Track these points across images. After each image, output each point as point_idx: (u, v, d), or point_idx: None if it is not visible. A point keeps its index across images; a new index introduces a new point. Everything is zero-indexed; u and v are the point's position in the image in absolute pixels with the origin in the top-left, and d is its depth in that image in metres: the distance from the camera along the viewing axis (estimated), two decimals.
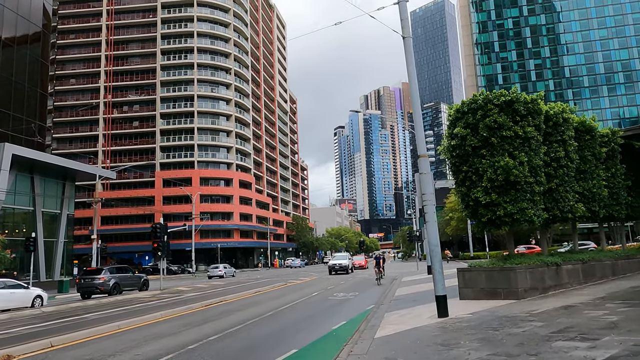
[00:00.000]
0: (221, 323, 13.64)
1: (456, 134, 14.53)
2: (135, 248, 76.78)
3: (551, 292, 14.13)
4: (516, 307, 11.88)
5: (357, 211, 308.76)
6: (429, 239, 11.78)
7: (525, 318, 10.09)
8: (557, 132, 15.55)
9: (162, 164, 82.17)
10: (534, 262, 13.91)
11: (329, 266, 39.55)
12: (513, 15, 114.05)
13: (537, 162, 14.26)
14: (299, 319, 14.10)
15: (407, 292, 19.37)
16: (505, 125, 13.92)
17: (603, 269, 16.55)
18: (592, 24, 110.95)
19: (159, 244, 28.64)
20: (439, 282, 11.47)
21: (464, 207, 14.97)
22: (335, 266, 38.74)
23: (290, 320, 13.78)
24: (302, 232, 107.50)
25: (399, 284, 24.50)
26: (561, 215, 15.22)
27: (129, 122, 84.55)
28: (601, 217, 17.46)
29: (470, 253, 59.01)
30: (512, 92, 14.38)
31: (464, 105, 14.71)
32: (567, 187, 15.41)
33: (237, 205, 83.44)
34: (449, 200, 66.76)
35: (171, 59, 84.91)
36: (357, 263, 48.28)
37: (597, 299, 12.04)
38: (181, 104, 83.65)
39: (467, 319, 10.65)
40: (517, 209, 13.61)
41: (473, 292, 14.08)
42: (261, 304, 18.45)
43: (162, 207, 77.83)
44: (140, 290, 29.38)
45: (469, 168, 14.32)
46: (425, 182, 11.83)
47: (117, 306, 20.68)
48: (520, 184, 13.69)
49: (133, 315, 15.95)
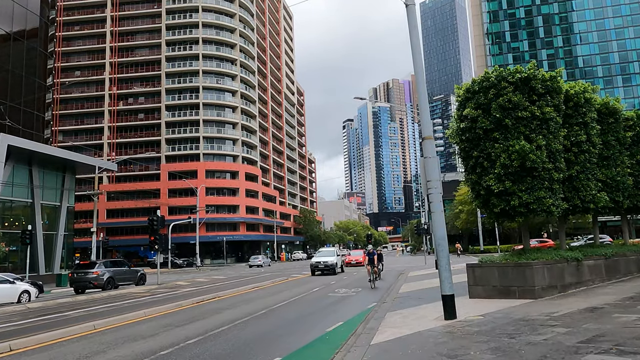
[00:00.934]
0: (206, 323, 12.47)
1: (466, 115, 13.14)
2: (140, 241, 76.00)
3: (571, 291, 12.76)
4: (533, 308, 10.54)
5: (366, 205, 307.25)
6: (435, 231, 10.47)
7: (546, 322, 8.76)
8: (578, 114, 14.08)
9: (167, 156, 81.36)
10: (552, 258, 12.54)
11: (311, 265, 31.79)
12: (525, 4, 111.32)
13: (557, 146, 12.83)
14: (292, 318, 12.88)
15: (412, 289, 18.08)
16: (521, 105, 12.51)
17: (627, 264, 15.13)
18: (606, 12, 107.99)
19: (156, 237, 27.57)
20: (445, 280, 10.16)
21: (474, 197, 13.61)
22: (318, 265, 31.11)
23: (282, 321, 12.57)
24: (309, 226, 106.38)
25: (405, 279, 23.23)
26: (582, 205, 13.80)
27: (134, 114, 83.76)
28: (625, 208, 16.01)
29: (480, 247, 57.50)
30: (529, 68, 12.95)
31: (474, 84, 13.30)
32: (589, 175, 13.97)
33: (243, 198, 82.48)
34: (458, 193, 65.18)
35: (176, 50, 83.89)
36: (354, 259, 41.85)
37: (625, 300, 10.66)
38: (186, 95, 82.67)
39: (477, 322, 9.35)
40: (534, 199, 12.22)
41: (484, 291, 12.76)
42: (255, 301, 17.27)
43: (167, 200, 77.16)
44: (137, 284, 28.40)
45: (480, 153, 12.94)
46: (431, 166, 10.49)
47: (106, 302, 19.63)
48: (537, 171, 12.30)
49: (117, 313, 14.85)
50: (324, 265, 30.76)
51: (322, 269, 30.84)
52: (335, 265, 30.81)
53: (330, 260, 31.16)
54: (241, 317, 13.13)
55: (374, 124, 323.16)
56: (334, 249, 35.71)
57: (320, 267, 30.89)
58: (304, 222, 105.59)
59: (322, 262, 31.04)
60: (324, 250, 36.12)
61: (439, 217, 10.35)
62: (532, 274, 11.93)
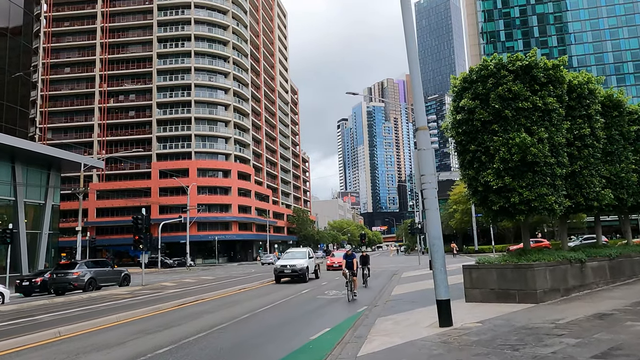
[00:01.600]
0: (182, 329, 11.52)
1: (463, 106, 12.27)
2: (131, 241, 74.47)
3: (574, 294, 11.93)
4: (536, 313, 9.68)
5: (360, 204, 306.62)
6: (429, 229, 9.57)
7: (551, 331, 7.90)
8: (582, 106, 13.24)
9: (158, 154, 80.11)
10: (554, 259, 11.70)
11: (275, 269, 25.67)
12: (520, 4, 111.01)
13: (560, 139, 11.99)
14: (275, 324, 11.95)
15: (405, 291, 17.21)
16: (522, 95, 11.65)
17: (632, 266, 14.33)
18: (601, 12, 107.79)
19: (141, 236, 26.57)
20: (440, 284, 9.27)
21: (471, 194, 12.75)
22: (283, 270, 24.96)
23: (264, 327, 11.64)
24: (303, 225, 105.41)
25: (398, 281, 22.36)
26: (585, 203, 12.97)
27: (124, 111, 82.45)
28: (629, 206, 15.20)
29: (475, 247, 56.82)
30: (530, 55, 12.10)
31: (472, 73, 12.43)
32: (593, 171, 13.14)
33: (235, 197, 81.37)
34: (452, 192, 64.55)
35: (168, 47, 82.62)
36: (337, 261, 35.65)
37: (635, 305, 9.83)
38: (178, 93, 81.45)
39: (476, 331, 8.47)
40: (535, 195, 11.37)
41: (482, 294, 11.89)
42: (239, 304, 16.34)
43: (158, 199, 76.04)
44: (121, 285, 27.36)
45: (478, 147, 12.08)
46: (425, 159, 9.60)
47: (83, 305, 18.62)
48: (539, 165, 11.45)
49: (90, 318, 13.87)
50: (292, 270, 24.60)
51: (288, 274, 24.84)
52: (305, 270, 24.73)
53: (300, 263, 24.94)
54: (221, 323, 12.20)
55: (368, 124, 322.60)
56: (305, 250, 28.32)
57: (286, 272, 24.78)
58: (297, 221, 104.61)
59: (288, 266, 24.81)
60: (292, 251, 28.33)
61: (434, 215, 9.46)
62: (534, 276, 11.08)
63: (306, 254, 26.74)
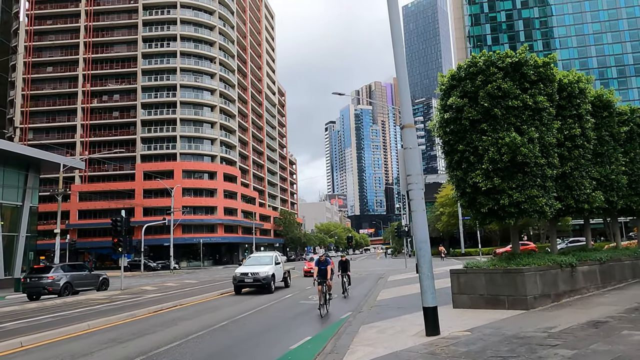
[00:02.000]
0: (156, 338, 10.88)
1: (451, 105, 11.82)
2: None
3: (565, 300, 11.52)
4: (527, 321, 9.23)
5: (348, 207, 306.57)
6: (416, 232, 9.07)
7: (545, 341, 7.43)
8: (572, 105, 12.88)
9: (143, 155, 78.83)
10: (544, 263, 11.29)
11: (234, 278, 21.65)
12: (506, 8, 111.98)
13: (550, 139, 11.60)
14: (255, 332, 11.35)
15: (392, 295, 16.72)
16: (512, 93, 11.24)
17: (622, 270, 14.00)
18: (585, 17, 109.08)
19: (120, 239, 25.72)
20: (427, 290, 8.77)
21: (459, 196, 12.29)
22: (244, 279, 21.12)
23: (243, 335, 11.04)
24: (289, 228, 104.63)
25: (384, 285, 21.88)
26: (576, 205, 12.60)
27: (108, 112, 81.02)
28: (619, 209, 14.90)
29: (461, 249, 56.67)
30: (520, 52, 11.70)
31: (460, 70, 11.99)
32: (583, 172, 12.78)
33: (221, 199, 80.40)
34: (439, 195, 64.42)
35: (153, 47, 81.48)
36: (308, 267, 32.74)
37: (630, 312, 9.43)
38: (163, 93, 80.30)
39: (464, 340, 7.97)
40: (525, 197, 10.95)
41: (470, 300, 11.43)
42: (219, 310, 15.70)
43: (142, 201, 74.82)
44: (99, 290, 26.46)
45: (466, 147, 11.63)
46: (411, 159, 9.11)
47: (56, 311, 17.79)
48: (529, 166, 11.04)
49: (59, 325, 13.12)
50: (254, 278, 20.78)
51: (250, 284, 21.05)
52: (270, 279, 20.88)
53: (263, 271, 21.04)
54: (198, 330, 11.57)
55: (356, 127, 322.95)
56: (271, 254, 24.05)
57: (247, 281, 20.93)
58: (284, 224, 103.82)
59: (250, 274, 20.98)
60: (256, 256, 24.46)
61: (420, 217, 8.96)
62: (524, 281, 10.64)
63: (272, 259, 22.72)
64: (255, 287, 21.36)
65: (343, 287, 18.17)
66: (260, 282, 20.79)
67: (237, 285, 21.30)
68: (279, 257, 23.88)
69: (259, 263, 22.36)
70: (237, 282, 21.24)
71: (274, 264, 22.25)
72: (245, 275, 21.13)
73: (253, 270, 21.30)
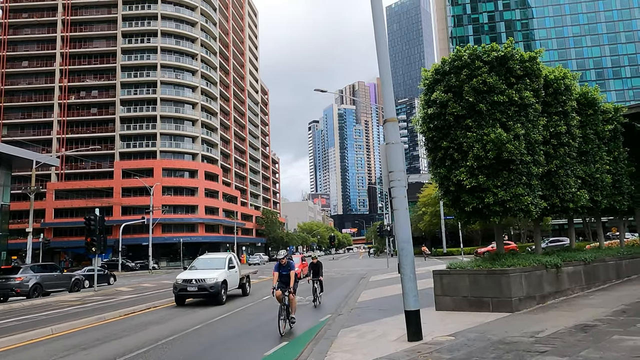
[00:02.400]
0: (123, 344, 10.23)
1: (434, 100, 11.41)
2: None
3: (550, 302, 11.20)
4: (513, 325, 8.84)
5: (331, 206, 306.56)
6: (398, 232, 8.61)
7: (532, 347, 7.03)
8: (558, 102, 12.59)
9: (121, 153, 77.18)
10: (529, 264, 10.96)
11: (175, 285, 17.61)
12: (488, 10, 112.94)
13: (536, 136, 11.27)
14: (228, 336, 10.76)
15: (373, 297, 16.28)
16: (497, 88, 10.88)
17: (607, 270, 13.79)
18: (565, 20, 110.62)
19: (93, 238, 24.81)
20: (410, 292, 8.31)
21: (442, 194, 11.90)
22: (186, 287, 17.12)
23: (216, 340, 10.45)
24: (272, 227, 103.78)
25: (366, 285, 21.44)
26: (561, 204, 12.31)
27: (86, 108, 79.15)
28: (602, 208, 14.70)
29: (443, 249, 56.69)
30: (506, 46, 11.35)
31: (445, 64, 11.59)
32: (569, 171, 12.50)
33: (202, 198, 79.22)
34: (422, 195, 64.43)
35: (133, 43, 79.84)
36: None
37: (617, 314, 9.12)
38: (143, 90, 78.73)
39: (448, 346, 7.54)
40: (511, 196, 10.60)
41: (453, 302, 11.03)
42: (195, 312, 15.05)
43: (121, 200, 73.30)
44: (71, 291, 25.51)
45: (451, 143, 11.24)
46: (394, 154, 8.64)
47: (21, 314, 16.93)
48: (514, 164, 10.69)
49: (21, 330, 12.34)
50: (198, 286, 16.87)
51: (193, 293, 17.20)
52: (219, 287, 16.86)
53: (211, 277, 17.02)
54: (169, 335, 10.95)
55: (339, 126, 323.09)
56: (225, 256, 19.37)
57: (190, 290, 17.01)
58: (266, 223, 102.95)
59: (194, 281, 16.98)
60: (205, 258, 20.19)
61: (403, 216, 8.50)
62: (509, 282, 10.28)
63: (225, 263, 18.51)
64: (201, 296, 17.51)
65: (314, 294, 15.40)
66: (207, 291, 16.87)
67: (179, 295, 17.28)
68: (234, 260, 19.44)
69: (207, 267, 18.34)
70: (178, 291, 17.21)
71: (226, 268, 18.16)
72: (189, 283, 17.10)
73: (199, 276, 17.24)
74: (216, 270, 17.81)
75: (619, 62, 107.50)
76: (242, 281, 19.90)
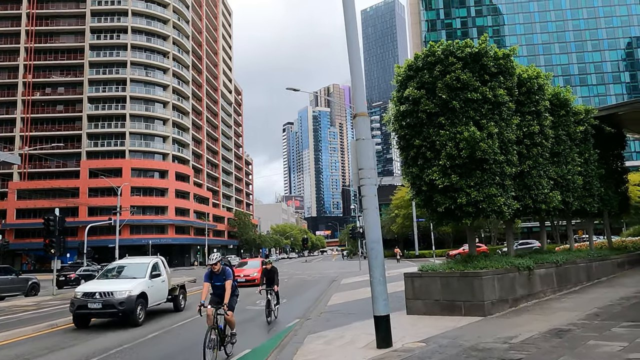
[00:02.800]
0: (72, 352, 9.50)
1: (407, 96, 11.03)
2: None
3: (523, 305, 10.95)
4: (485, 329, 8.49)
5: (305, 208, 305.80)
6: (368, 232, 8.15)
7: (507, 354, 6.66)
8: (531, 102, 12.40)
9: (89, 152, 74.87)
10: (502, 266, 10.68)
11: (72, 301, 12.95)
12: (461, 16, 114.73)
13: (510, 135, 11.02)
14: (189, 343, 10.09)
15: (343, 300, 15.83)
16: (471, 85, 10.58)
17: (578, 272, 13.69)
18: (535, 28, 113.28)
19: (52, 240, 23.60)
20: (379, 297, 7.86)
21: (414, 194, 11.53)
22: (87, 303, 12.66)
23: (175, 347, 9.79)
24: (244, 229, 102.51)
25: (337, 288, 21.00)
26: (534, 206, 12.10)
27: (52, 105, 76.53)
28: (574, 210, 14.62)
29: (415, 252, 56.80)
30: (480, 42, 11.07)
31: (418, 60, 11.24)
32: (541, 171, 12.31)
33: (172, 199, 77.53)
34: (395, 197, 64.52)
35: (102, 39, 77.66)
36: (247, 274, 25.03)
37: (590, 317, 8.89)
38: (112, 87, 76.63)
39: (419, 354, 7.11)
40: (484, 196, 10.29)
41: (425, 306, 10.66)
42: (156, 317, 14.27)
43: (87, 200, 71.02)
44: (27, 295, 24.24)
45: (423, 141, 10.88)
46: (364, 150, 8.19)
47: None
48: (488, 163, 10.39)
49: None
50: (103, 302, 12.63)
51: (97, 311, 12.78)
52: (133, 303, 12.75)
53: (122, 289, 12.93)
54: (123, 343, 10.22)
55: (314, 128, 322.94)
56: (147, 261, 14.89)
57: (92, 307, 12.66)
58: (238, 225, 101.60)
59: (98, 295, 12.77)
60: (120, 264, 15.66)
61: (373, 215, 8.05)
62: (481, 285, 9.96)
63: (146, 270, 14.07)
64: (108, 316, 12.91)
65: (268, 308, 12.37)
66: (114, 309, 12.46)
67: (77, 314, 12.76)
68: (161, 266, 15.04)
69: (120, 276, 14.25)
70: (76, 310, 12.68)
71: (146, 277, 13.79)
72: (90, 298, 12.63)
73: (105, 288, 12.94)
74: (132, 280, 13.55)
75: (585, 70, 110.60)
76: (174, 293, 15.58)
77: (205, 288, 8.63)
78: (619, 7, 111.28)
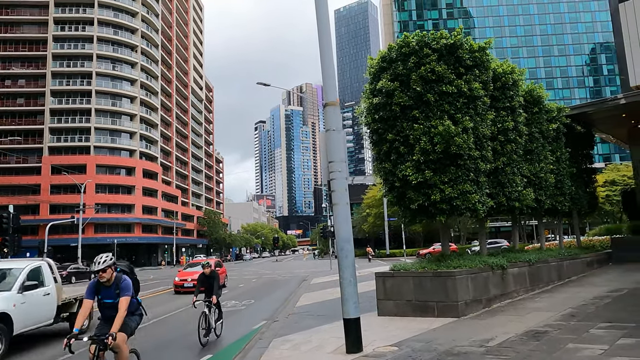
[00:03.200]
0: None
1: (380, 89, 10.59)
2: None
3: (497, 305, 10.66)
4: (460, 332, 8.10)
5: (276, 207, 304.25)
6: (338, 230, 7.64)
7: (483, 358, 6.26)
8: (505, 97, 12.16)
9: (51, 147, 72.00)
10: (476, 265, 10.35)
11: None
12: (433, 17, 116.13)
13: (485, 130, 10.71)
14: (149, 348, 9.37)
15: (313, 300, 15.32)
16: (446, 77, 10.21)
17: (549, 272, 13.55)
18: (504, 31, 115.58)
19: (5, 238, 22.22)
20: (349, 299, 7.36)
21: (387, 191, 11.10)
22: None
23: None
24: (214, 228, 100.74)
25: (307, 288, 20.47)
26: (507, 203, 11.86)
27: (12, 98, 73.13)
28: (546, 208, 14.50)
29: (386, 251, 56.87)
30: (455, 34, 10.72)
31: (392, 51, 10.81)
32: (515, 169, 12.08)
33: (139, 197, 75.40)
34: (366, 196, 64.51)
35: (66, 30, 74.79)
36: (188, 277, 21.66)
37: (566, 317, 8.61)
38: (77, 81, 73.93)
39: (390, 359, 6.64)
40: (458, 193, 9.94)
41: (397, 307, 10.23)
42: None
43: (49, 197, 68.30)
44: None
45: (396, 136, 10.45)
46: (334, 142, 7.67)
47: None
48: (462, 159, 10.05)
49: None
50: None
51: None
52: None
53: None
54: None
55: (286, 127, 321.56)
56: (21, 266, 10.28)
57: None
58: (208, 224, 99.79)
59: None
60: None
61: (343, 211, 7.54)
62: (455, 285, 9.59)
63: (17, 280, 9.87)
64: None
65: (207, 325, 9.66)
66: None
67: None
68: (43, 273, 10.75)
69: None
70: None
71: (15, 290, 9.64)
72: None
73: None
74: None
75: (552, 74, 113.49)
76: (71, 309, 11.66)
77: (86, 307, 5.72)
78: (584, 14, 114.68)
